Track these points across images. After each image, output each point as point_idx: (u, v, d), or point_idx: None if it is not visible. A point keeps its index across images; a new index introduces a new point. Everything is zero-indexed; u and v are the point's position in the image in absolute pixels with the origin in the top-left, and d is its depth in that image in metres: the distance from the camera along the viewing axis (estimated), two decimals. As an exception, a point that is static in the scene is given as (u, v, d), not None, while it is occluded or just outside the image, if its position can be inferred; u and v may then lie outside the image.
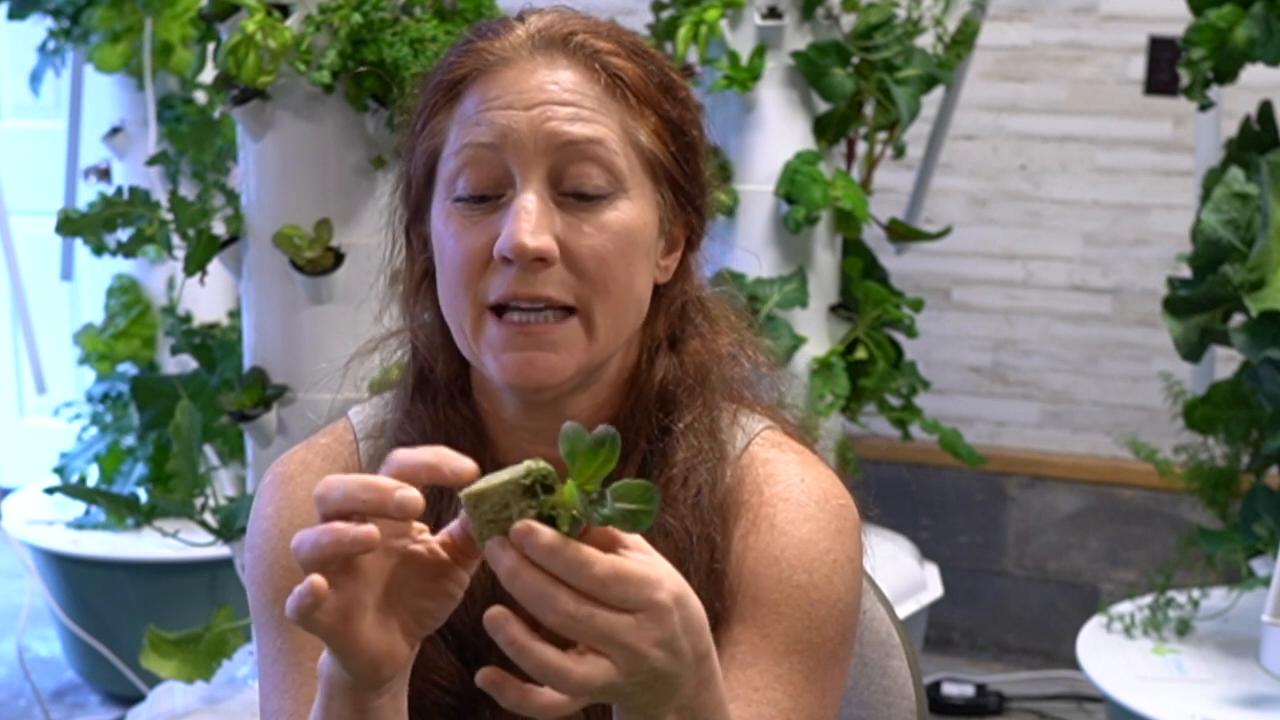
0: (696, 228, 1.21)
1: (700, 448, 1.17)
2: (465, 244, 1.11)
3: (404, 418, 1.22)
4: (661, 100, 1.15)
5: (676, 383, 1.19)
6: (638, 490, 0.92)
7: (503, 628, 0.90)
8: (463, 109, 1.13)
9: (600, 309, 1.11)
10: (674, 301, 1.21)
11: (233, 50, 2.14)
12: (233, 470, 3.22)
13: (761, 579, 1.15)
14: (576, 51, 1.13)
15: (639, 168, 1.14)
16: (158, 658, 2.53)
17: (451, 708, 1.18)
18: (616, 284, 1.12)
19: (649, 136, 1.14)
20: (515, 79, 1.12)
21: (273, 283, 2.26)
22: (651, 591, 0.91)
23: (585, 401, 1.17)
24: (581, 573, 0.90)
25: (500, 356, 1.11)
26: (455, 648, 1.17)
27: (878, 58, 2.88)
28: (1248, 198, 2.58)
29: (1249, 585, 2.72)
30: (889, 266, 3.09)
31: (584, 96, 1.12)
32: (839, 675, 1.17)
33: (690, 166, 1.18)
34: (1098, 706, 3.38)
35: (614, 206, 1.12)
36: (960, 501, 3.74)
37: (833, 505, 1.18)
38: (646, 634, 0.91)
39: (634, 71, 1.14)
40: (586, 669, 0.91)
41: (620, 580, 0.91)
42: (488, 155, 1.11)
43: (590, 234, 1.11)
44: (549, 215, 1.10)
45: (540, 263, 1.09)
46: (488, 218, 1.11)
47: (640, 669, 0.92)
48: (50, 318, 4.03)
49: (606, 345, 1.13)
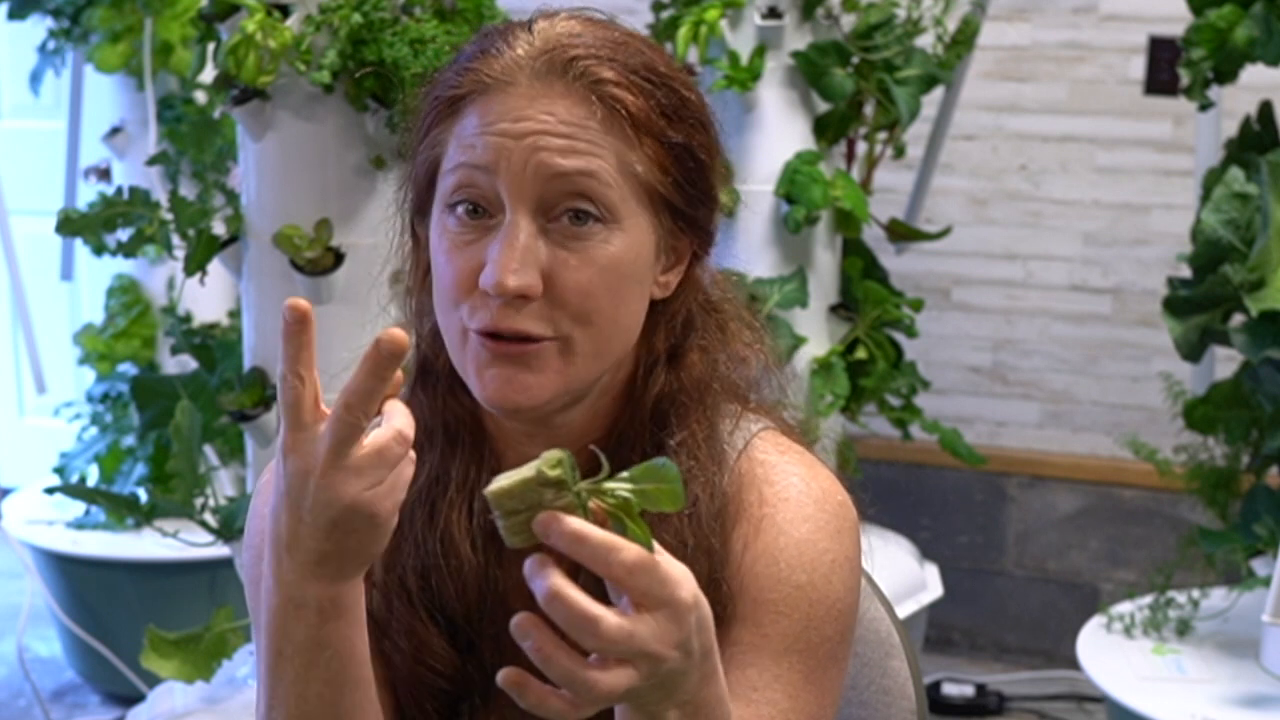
0: (703, 242, 1.20)
1: (695, 462, 1.17)
2: (455, 267, 1.12)
3: (404, 406, 1.22)
4: (665, 128, 1.14)
5: (671, 399, 1.19)
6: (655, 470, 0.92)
7: (530, 635, 0.90)
8: (461, 126, 1.13)
9: (581, 338, 1.11)
10: (675, 315, 1.20)
11: (233, 50, 2.14)
12: (233, 470, 3.21)
13: (760, 579, 1.15)
14: (576, 81, 1.11)
15: (633, 197, 1.12)
16: (158, 658, 2.53)
17: (444, 691, 1.18)
18: (600, 316, 1.12)
19: (647, 166, 1.13)
20: (513, 105, 1.11)
21: (273, 283, 2.26)
22: (674, 589, 0.92)
23: (578, 415, 1.17)
24: (610, 558, 0.90)
25: (482, 374, 1.12)
26: (448, 632, 1.18)
27: (878, 58, 2.88)
28: (1248, 198, 2.58)
29: (1249, 585, 2.72)
30: (889, 266, 3.09)
31: (579, 128, 1.10)
32: (837, 675, 1.17)
33: (697, 188, 1.17)
34: (1098, 706, 3.38)
35: (604, 240, 1.11)
36: (960, 501, 3.74)
37: (831, 505, 1.19)
38: (668, 637, 0.92)
39: (634, 102, 1.12)
40: (612, 679, 0.91)
41: (646, 570, 0.91)
42: (481, 178, 1.11)
43: (577, 268, 1.10)
44: (534, 250, 1.09)
45: (522, 299, 1.09)
46: (479, 240, 1.11)
47: (658, 672, 0.93)
48: (50, 318, 4.03)
49: (586, 371, 1.13)
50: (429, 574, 1.18)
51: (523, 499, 0.91)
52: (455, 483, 1.19)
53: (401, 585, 1.18)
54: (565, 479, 0.91)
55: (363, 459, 0.98)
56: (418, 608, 1.18)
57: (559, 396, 1.13)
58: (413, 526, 1.18)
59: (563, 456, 0.91)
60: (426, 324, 1.22)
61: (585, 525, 0.90)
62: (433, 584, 1.18)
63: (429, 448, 1.19)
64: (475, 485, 1.18)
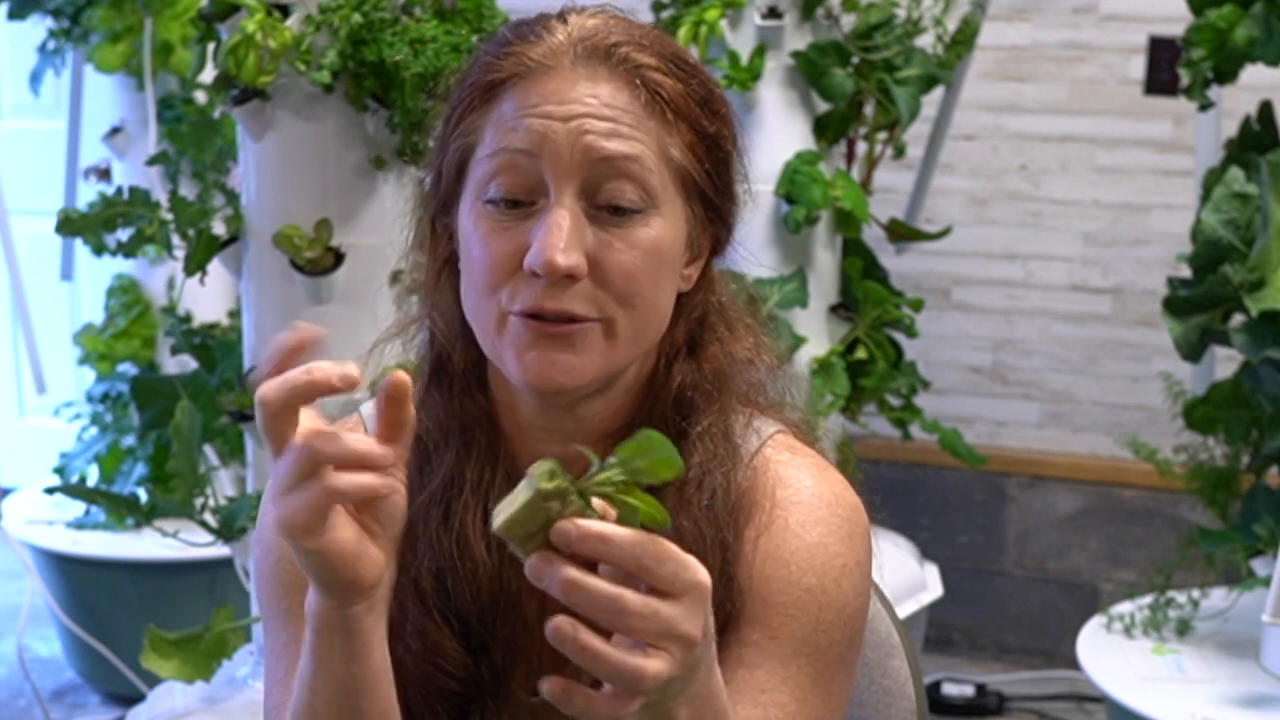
0: (722, 237, 1.21)
1: (715, 452, 1.18)
2: (493, 250, 1.11)
3: (418, 406, 1.21)
4: (699, 115, 1.15)
5: (694, 388, 1.20)
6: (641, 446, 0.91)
7: (573, 637, 0.89)
8: (500, 111, 1.13)
9: (624, 321, 1.12)
10: (695, 309, 1.21)
11: (233, 50, 2.14)
12: (233, 470, 3.21)
13: (771, 581, 1.15)
14: (619, 65, 1.12)
15: (671, 183, 1.14)
16: (158, 658, 2.53)
17: (456, 694, 1.18)
18: (642, 299, 1.12)
19: (683, 152, 1.14)
20: (556, 88, 1.11)
21: (273, 283, 2.26)
22: (696, 573, 0.92)
23: (601, 405, 1.17)
24: (637, 551, 0.90)
25: (523, 356, 1.11)
26: (461, 634, 1.18)
27: (878, 58, 2.88)
28: (1248, 198, 2.58)
29: (1249, 585, 2.72)
30: (889, 266, 3.09)
31: (623, 112, 1.11)
32: (845, 679, 1.18)
33: (722, 180, 1.18)
34: (1098, 706, 3.38)
35: (646, 223, 1.12)
36: (960, 501, 3.74)
37: (844, 510, 1.19)
38: (696, 619, 0.92)
39: (673, 87, 1.14)
40: (656, 665, 0.91)
41: (672, 558, 0.91)
42: (523, 161, 1.11)
43: (621, 250, 1.11)
44: (580, 230, 1.10)
45: (569, 279, 1.09)
46: (519, 225, 1.11)
47: (690, 657, 0.93)
48: (50, 318, 4.03)
49: (626, 354, 1.14)
50: (443, 575, 1.18)
51: (531, 521, 0.90)
52: (470, 484, 1.19)
53: (415, 587, 1.18)
54: (564, 486, 0.91)
55: (281, 481, 0.97)
56: (431, 609, 1.18)
57: (598, 379, 1.13)
58: (427, 528, 1.18)
59: (552, 466, 0.91)
60: (440, 322, 1.22)
61: (606, 525, 0.90)
62: (447, 586, 1.18)
63: (444, 449, 1.19)
64: (490, 487, 1.18)
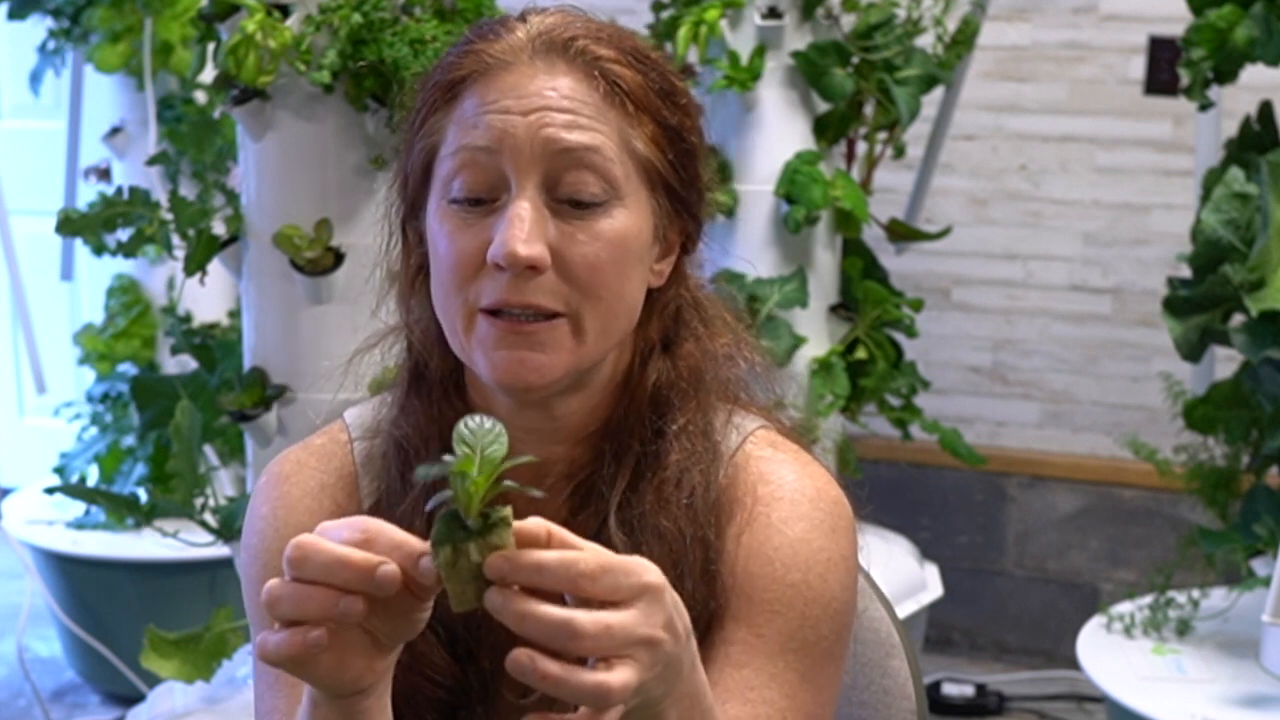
0: (692, 232, 1.21)
1: (693, 449, 1.18)
2: (459, 247, 1.12)
3: (399, 413, 1.22)
4: (660, 107, 1.15)
5: (670, 385, 1.19)
6: (471, 445, 0.91)
7: (533, 667, 0.89)
8: (461, 110, 1.13)
9: (590, 314, 1.12)
10: (668, 305, 1.21)
11: (233, 50, 2.14)
12: (233, 470, 3.21)
13: (755, 578, 1.15)
14: (576, 58, 1.13)
15: (635, 175, 1.14)
16: (158, 658, 2.53)
17: (444, 702, 1.18)
18: (608, 291, 1.12)
19: (646, 144, 1.14)
20: (514, 83, 1.12)
21: (273, 283, 2.26)
22: (640, 575, 0.92)
23: (578, 404, 1.17)
24: (571, 571, 0.90)
25: (491, 355, 1.11)
26: (447, 642, 1.18)
27: (878, 58, 2.88)
28: (1248, 198, 2.58)
29: (1249, 585, 2.72)
30: (889, 266, 3.09)
31: (582, 104, 1.12)
32: (835, 673, 1.17)
33: (687, 172, 1.18)
34: (1098, 706, 3.38)
35: (608, 215, 1.12)
36: (960, 501, 3.74)
37: (826, 503, 1.19)
38: (654, 620, 0.92)
39: (633, 78, 1.14)
40: (622, 676, 0.90)
41: (608, 570, 0.91)
42: (484, 159, 1.11)
43: (584, 242, 1.11)
44: (542, 222, 1.10)
45: (532, 270, 1.09)
46: (482, 221, 1.11)
47: (659, 658, 0.93)
48: (50, 318, 4.03)
49: (595, 349, 1.14)
50: None
51: (463, 573, 0.90)
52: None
53: None
54: (460, 533, 0.90)
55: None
56: None
57: (568, 376, 1.13)
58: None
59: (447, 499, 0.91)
60: (417, 329, 1.22)
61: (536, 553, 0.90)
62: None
63: (424, 455, 1.19)
64: None
